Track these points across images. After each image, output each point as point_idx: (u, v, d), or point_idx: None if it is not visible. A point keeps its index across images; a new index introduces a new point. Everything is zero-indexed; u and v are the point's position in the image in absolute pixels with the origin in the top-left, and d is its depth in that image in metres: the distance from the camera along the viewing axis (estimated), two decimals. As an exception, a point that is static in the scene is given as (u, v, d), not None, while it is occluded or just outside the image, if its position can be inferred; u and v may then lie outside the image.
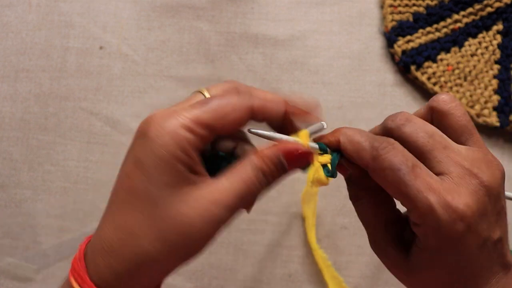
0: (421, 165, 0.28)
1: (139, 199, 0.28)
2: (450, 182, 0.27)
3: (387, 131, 0.30)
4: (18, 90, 0.55)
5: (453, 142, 0.29)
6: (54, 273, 0.52)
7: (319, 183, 0.31)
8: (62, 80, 0.55)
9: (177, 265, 0.29)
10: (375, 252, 0.32)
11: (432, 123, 0.30)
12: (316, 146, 0.30)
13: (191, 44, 0.55)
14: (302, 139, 0.30)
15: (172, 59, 0.55)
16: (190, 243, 0.28)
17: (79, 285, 0.28)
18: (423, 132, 0.28)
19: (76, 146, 0.54)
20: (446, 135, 0.29)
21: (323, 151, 0.30)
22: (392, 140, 0.28)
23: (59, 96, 0.55)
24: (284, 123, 0.31)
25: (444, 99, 0.30)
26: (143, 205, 0.27)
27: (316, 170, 0.30)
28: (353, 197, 0.32)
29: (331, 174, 0.30)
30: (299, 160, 0.29)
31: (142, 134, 0.28)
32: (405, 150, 0.28)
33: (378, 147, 0.28)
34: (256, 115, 0.29)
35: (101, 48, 0.55)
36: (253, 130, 0.30)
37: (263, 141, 0.31)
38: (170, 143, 0.27)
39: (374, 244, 0.31)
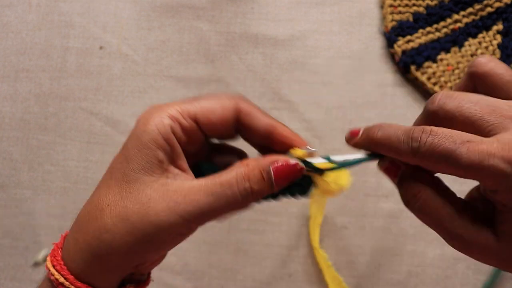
0: (469, 136, 0.26)
1: (115, 179, 0.29)
2: (508, 137, 0.25)
3: (429, 116, 0.28)
4: (18, 90, 0.55)
5: (502, 101, 0.27)
6: (54, 273, 0.52)
7: (328, 193, 0.30)
8: (62, 80, 0.55)
9: (141, 254, 0.29)
10: (458, 248, 0.28)
11: (476, 90, 0.28)
12: (322, 160, 0.30)
13: (191, 44, 0.55)
14: (297, 154, 0.30)
15: (172, 59, 0.55)
16: (153, 230, 0.27)
17: (50, 262, 0.29)
18: (468, 102, 0.26)
19: (76, 146, 0.54)
20: (494, 96, 0.27)
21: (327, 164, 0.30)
22: (427, 128, 0.26)
23: (59, 96, 0.55)
24: (271, 142, 0.31)
25: (481, 62, 0.28)
26: (116, 184, 0.28)
27: (323, 182, 0.30)
28: (411, 198, 0.28)
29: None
30: (288, 174, 0.29)
31: (135, 125, 0.30)
32: (445, 130, 0.26)
33: (417, 147, 0.26)
34: (242, 119, 0.30)
35: (101, 48, 0.55)
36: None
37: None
38: (153, 130, 0.28)
39: (455, 238, 0.28)
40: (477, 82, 0.29)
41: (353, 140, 0.30)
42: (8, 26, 0.56)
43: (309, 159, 0.30)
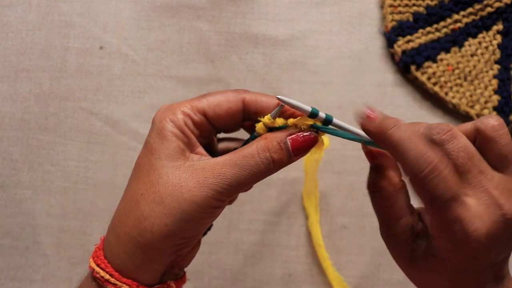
0: (456, 193, 0.28)
1: (143, 171, 0.30)
2: (475, 208, 0.28)
3: (430, 140, 0.30)
4: (18, 90, 0.55)
5: (490, 168, 0.30)
6: (54, 273, 0.52)
7: (318, 147, 0.32)
8: (62, 80, 0.55)
9: (181, 234, 0.30)
10: (384, 241, 0.33)
11: (474, 142, 0.31)
12: (309, 108, 0.31)
13: (191, 44, 0.55)
14: (307, 121, 0.31)
15: (172, 59, 0.55)
16: (188, 207, 0.29)
17: (95, 262, 0.30)
18: (464, 152, 0.29)
19: (76, 146, 0.54)
20: (486, 158, 0.30)
21: (312, 116, 0.31)
22: (435, 161, 0.28)
23: (59, 96, 0.55)
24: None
25: (493, 125, 0.30)
26: (145, 174, 0.30)
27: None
28: (372, 186, 0.33)
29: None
30: (304, 143, 0.31)
31: (152, 124, 0.32)
32: (447, 173, 0.28)
33: (425, 174, 0.28)
34: (249, 107, 0.32)
35: (101, 48, 0.55)
36: (279, 97, 0.30)
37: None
38: (169, 124, 0.31)
39: (385, 233, 0.33)
40: (478, 138, 0.31)
41: (367, 124, 0.31)
42: (8, 26, 0.56)
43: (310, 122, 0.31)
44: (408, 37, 0.53)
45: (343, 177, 0.53)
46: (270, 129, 0.31)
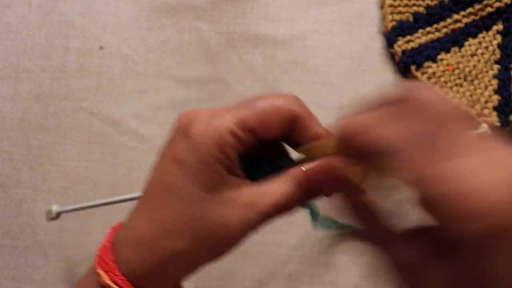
0: None
1: (177, 197, 0.28)
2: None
3: None
4: (18, 90, 0.55)
5: None
6: (54, 273, 0.52)
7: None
8: (62, 80, 0.55)
9: (205, 263, 0.30)
10: None
11: None
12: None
13: (191, 44, 0.55)
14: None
15: (172, 59, 0.55)
16: (222, 243, 0.29)
17: (110, 278, 0.29)
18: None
19: (76, 146, 0.54)
20: None
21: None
22: None
23: (59, 96, 0.55)
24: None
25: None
26: (180, 203, 0.28)
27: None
28: None
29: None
30: (336, 185, 0.29)
31: (184, 131, 0.28)
32: None
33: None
34: (294, 126, 0.29)
35: (101, 48, 0.55)
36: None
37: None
38: (212, 145, 0.27)
39: None
40: None
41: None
42: (8, 26, 0.56)
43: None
44: (408, 37, 0.53)
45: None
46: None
